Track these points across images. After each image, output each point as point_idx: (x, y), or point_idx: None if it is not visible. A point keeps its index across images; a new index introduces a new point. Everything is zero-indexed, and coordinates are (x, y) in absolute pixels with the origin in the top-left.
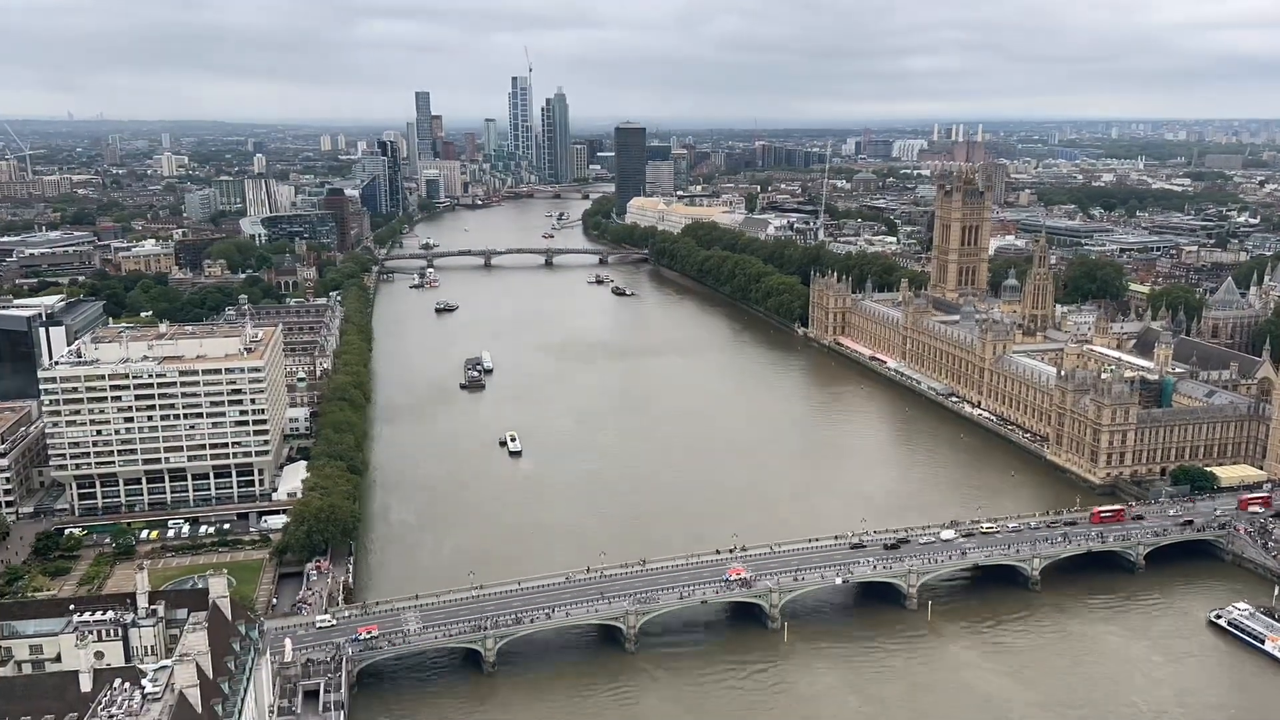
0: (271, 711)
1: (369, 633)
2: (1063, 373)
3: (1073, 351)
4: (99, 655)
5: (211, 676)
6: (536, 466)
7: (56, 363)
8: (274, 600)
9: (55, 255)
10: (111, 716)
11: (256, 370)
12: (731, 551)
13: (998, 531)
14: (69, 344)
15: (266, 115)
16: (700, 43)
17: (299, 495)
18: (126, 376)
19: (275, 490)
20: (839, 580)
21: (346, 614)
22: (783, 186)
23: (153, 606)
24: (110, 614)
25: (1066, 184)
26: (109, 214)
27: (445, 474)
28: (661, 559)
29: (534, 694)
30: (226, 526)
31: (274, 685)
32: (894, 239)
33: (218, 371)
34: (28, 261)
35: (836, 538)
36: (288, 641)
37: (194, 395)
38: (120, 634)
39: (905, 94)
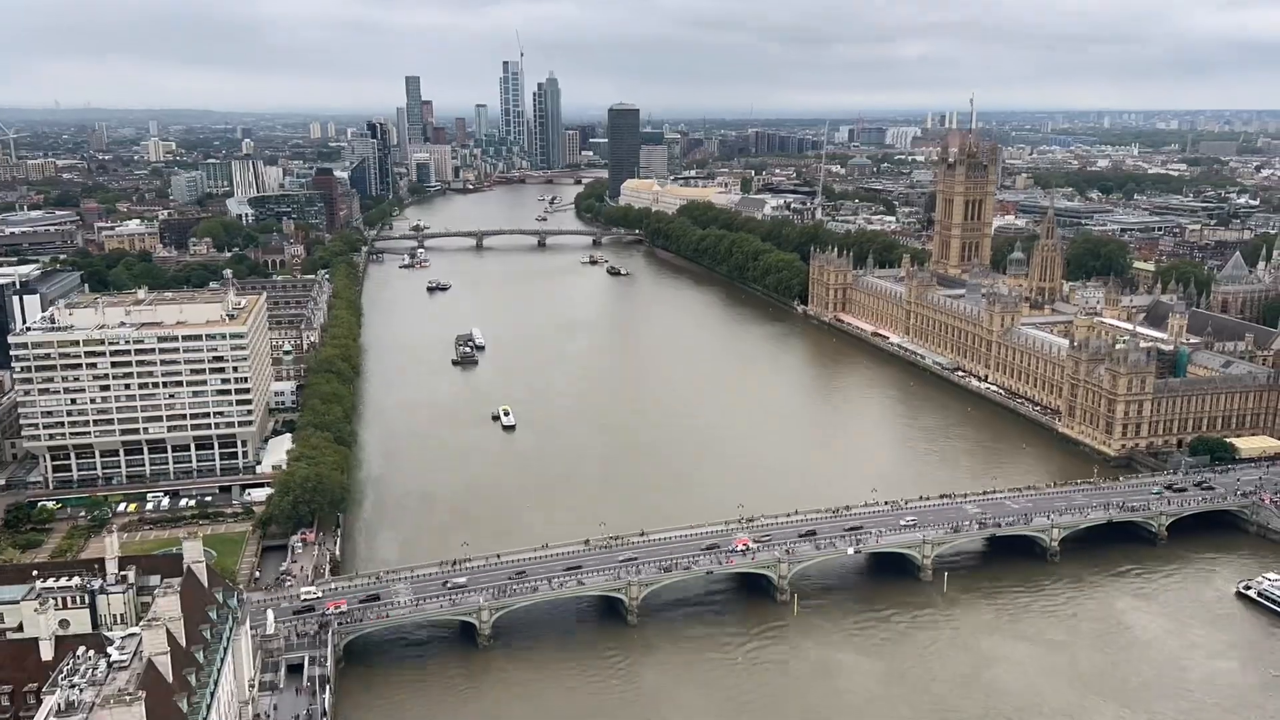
0: (252, 685)
1: (337, 608)
2: (1076, 342)
3: (1083, 323)
4: (64, 624)
5: (184, 645)
6: (531, 441)
7: (28, 329)
8: (257, 574)
9: (36, 234)
10: (73, 686)
11: (239, 337)
12: (737, 523)
13: (1013, 501)
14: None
15: (255, 105)
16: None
17: (284, 467)
18: (102, 343)
19: (259, 463)
20: (850, 551)
21: (333, 586)
22: (777, 171)
23: (123, 573)
24: (76, 580)
25: (1062, 169)
26: (94, 196)
27: (437, 448)
28: (664, 530)
29: (531, 667)
30: (208, 500)
31: (255, 658)
32: (893, 218)
33: (198, 338)
34: (7, 240)
35: (847, 508)
36: (270, 613)
37: (174, 363)
38: (87, 601)
39: (893, 83)
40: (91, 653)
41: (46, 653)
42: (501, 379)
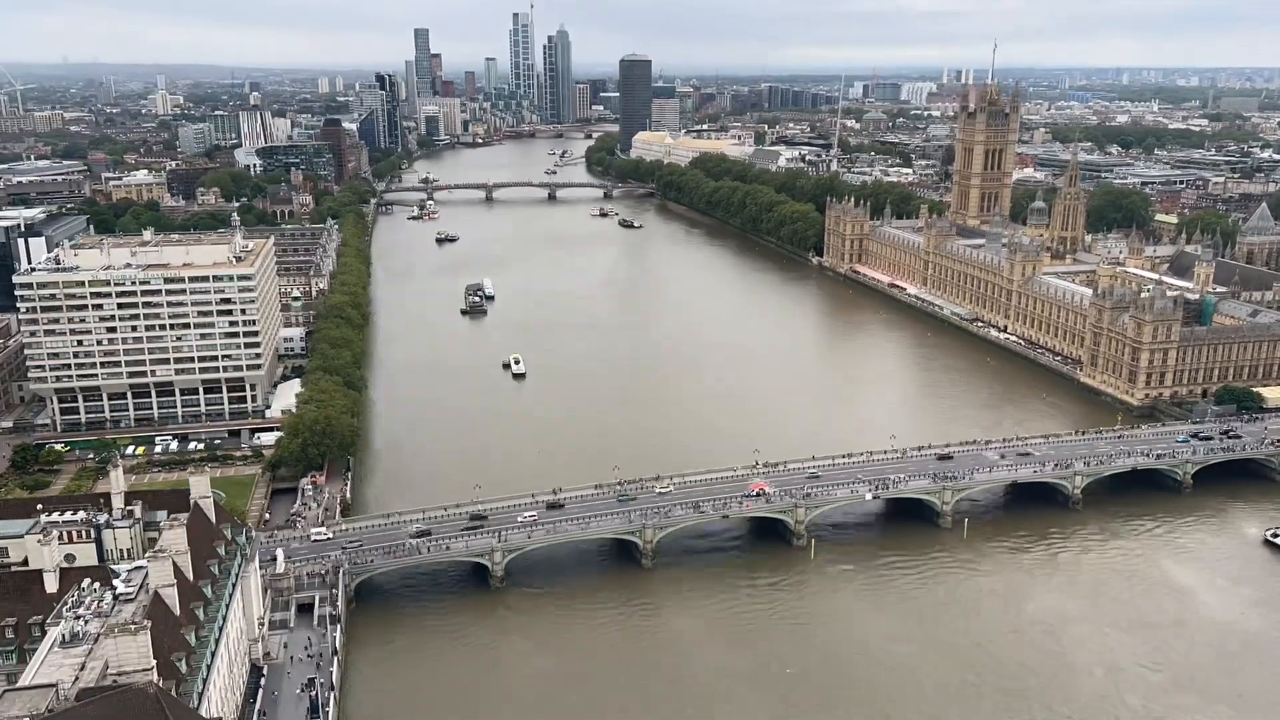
0: (261, 624)
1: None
2: (1100, 290)
3: (1106, 273)
4: (70, 559)
5: (192, 579)
6: (541, 389)
7: (33, 269)
8: (267, 516)
9: (44, 183)
10: (78, 617)
11: (246, 279)
12: (753, 468)
13: (1034, 451)
14: None
15: (264, 61)
16: None
17: (293, 411)
18: (108, 284)
19: (268, 408)
20: (869, 496)
21: (344, 527)
22: (791, 126)
23: (129, 507)
24: (82, 515)
25: (1081, 124)
26: (101, 148)
27: (447, 395)
28: (678, 474)
29: (543, 609)
30: (217, 443)
31: (265, 597)
32: (910, 170)
33: (205, 279)
34: (14, 189)
35: (866, 454)
36: (279, 552)
37: (180, 305)
38: (93, 536)
39: (905, 39)
40: (97, 585)
41: (51, 585)
42: (511, 329)
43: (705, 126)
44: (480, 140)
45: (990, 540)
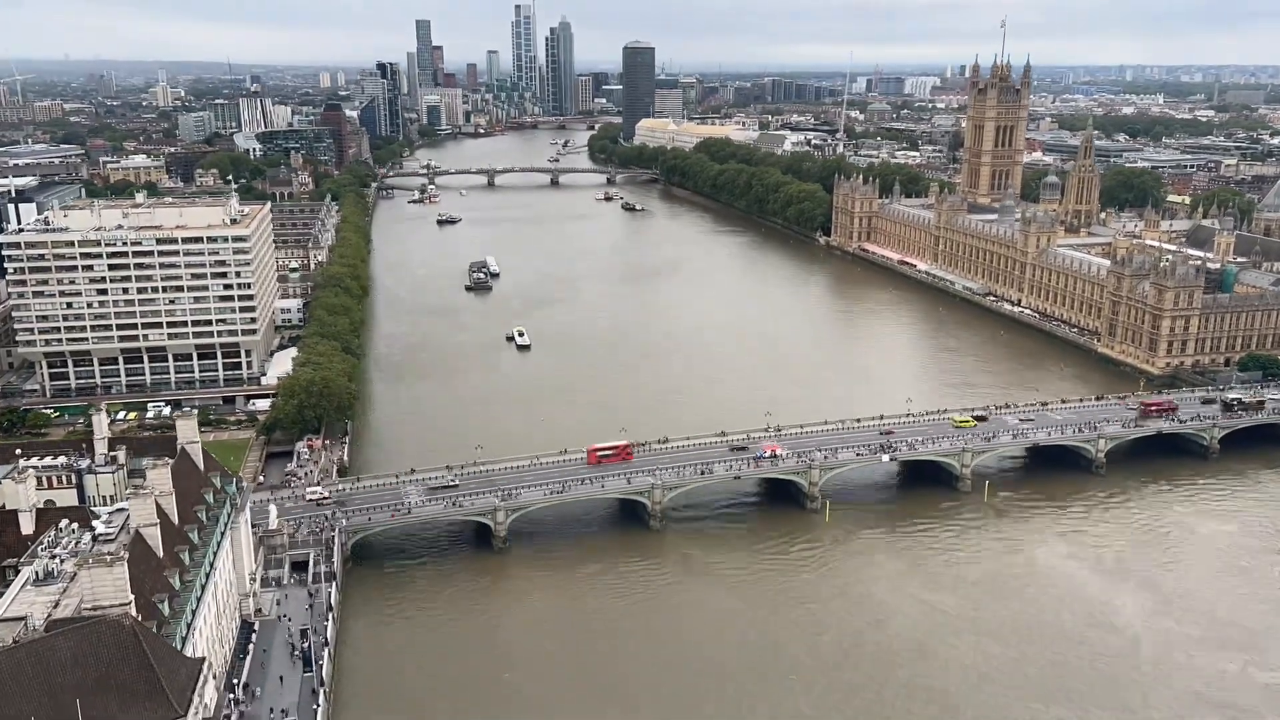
0: (253, 579)
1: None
2: (1119, 257)
3: (1123, 245)
4: (49, 504)
5: (177, 523)
6: (547, 360)
7: (21, 229)
8: (260, 478)
9: (41, 165)
10: (54, 557)
11: (242, 240)
12: (765, 431)
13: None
14: None
15: (266, 59)
16: None
17: (290, 374)
18: (98, 244)
19: (264, 375)
20: (886, 458)
21: (340, 487)
22: (795, 116)
23: (112, 453)
24: (62, 460)
25: (1086, 116)
26: (101, 135)
27: (450, 365)
28: (688, 437)
29: (548, 570)
30: (211, 410)
31: (257, 554)
32: (916, 154)
33: (199, 240)
34: (12, 172)
35: (881, 418)
36: (272, 508)
37: (173, 267)
38: (74, 481)
39: (905, 36)
40: (75, 526)
41: (27, 526)
42: (516, 304)
43: (709, 115)
44: (482, 131)
45: (1011, 503)
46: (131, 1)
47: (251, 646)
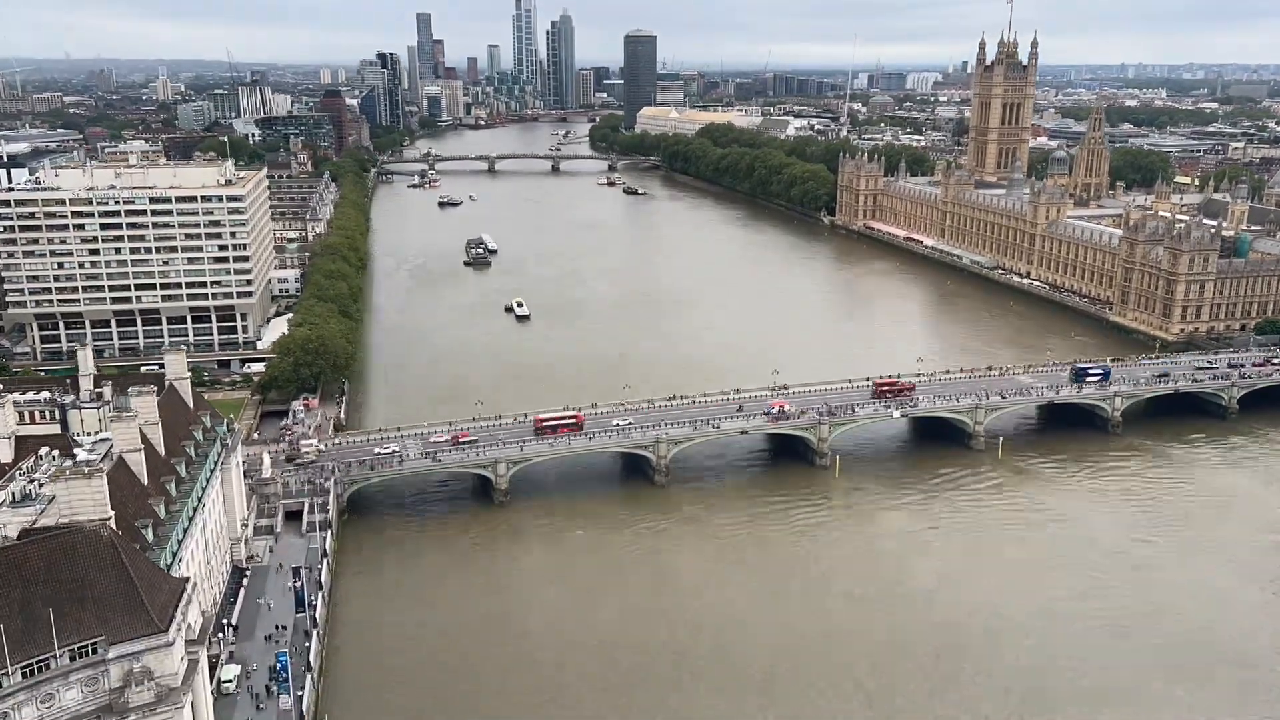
0: (245, 526)
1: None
2: (1132, 223)
3: (1135, 215)
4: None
5: (163, 455)
6: (546, 329)
7: (11, 188)
8: (255, 435)
9: (38, 150)
10: (32, 480)
11: (237, 201)
12: (772, 390)
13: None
14: None
15: (268, 57)
16: None
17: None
18: (90, 202)
19: (260, 340)
20: (896, 414)
21: (337, 441)
22: (797, 108)
23: (98, 390)
24: (46, 395)
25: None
26: (100, 124)
27: (449, 333)
28: (693, 395)
29: (550, 524)
30: (205, 372)
31: (250, 502)
32: (921, 138)
33: (193, 199)
34: (7, 140)
35: (898, 376)
36: (266, 456)
37: (167, 227)
38: (58, 416)
39: (905, 36)
40: (56, 453)
41: (5, 454)
42: (515, 279)
43: (711, 105)
44: (483, 123)
45: (1025, 459)
46: (132, 1)
47: (243, 591)
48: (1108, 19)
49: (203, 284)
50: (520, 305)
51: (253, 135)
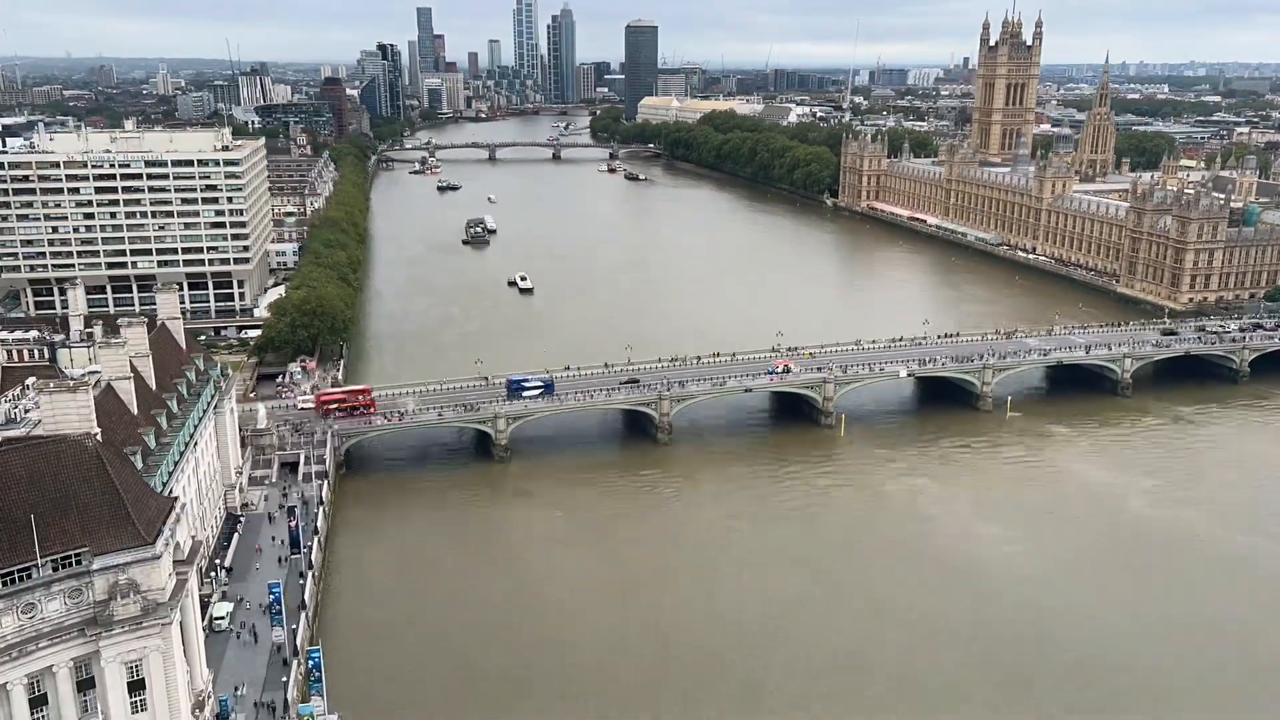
0: (239, 473)
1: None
2: (1139, 192)
3: (1143, 187)
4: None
5: (154, 389)
6: (550, 301)
7: (4, 150)
8: (251, 394)
9: (34, 124)
10: (18, 408)
11: (233, 164)
12: (776, 351)
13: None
14: None
15: (269, 56)
16: None
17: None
18: (85, 165)
19: (257, 307)
20: (903, 373)
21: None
22: (798, 100)
23: (88, 330)
24: (34, 334)
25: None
26: (99, 115)
27: (451, 303)
28: (699, 355)
29: (550, 480)
30: (201, 337)
31: (245, 452)
32: (924, 123)
33: (189, 163)
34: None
35: (898, 339)
36: (261, 407)
37: (163, 191)
38: (47, 356)
39: (905, 34)
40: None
41: None
42: (515, 257)
43: (713, 94)
44: (484, 115)
45: (1036, 421)
46: (133, 2)
47: (236, 536)
48: (1107, 16)
49: (199, 249)
50: (524, 279)
51: (252, 123)
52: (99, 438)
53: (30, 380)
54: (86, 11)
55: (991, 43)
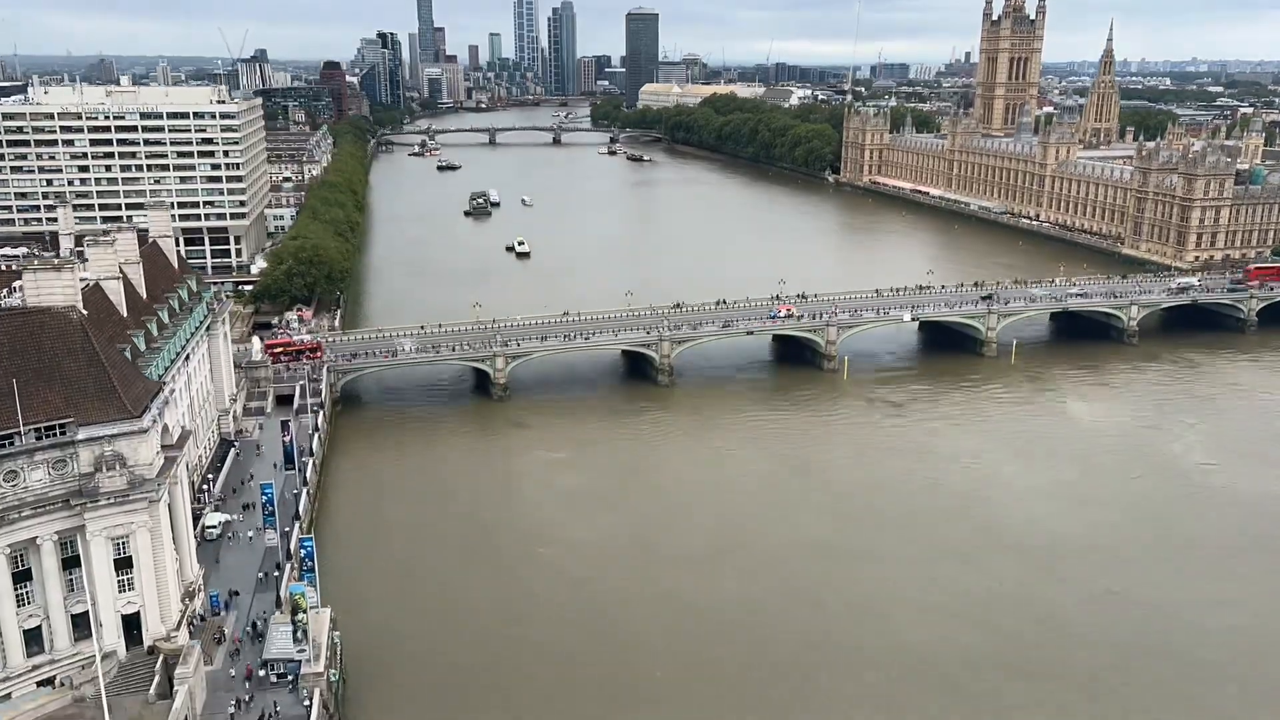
0: (233, 400)
1: None
2: (1145, 152)
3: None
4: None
5: (145, 298)
6: (548, 264)
7: None
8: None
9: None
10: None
11: (230, 118)
12: (778, 298)
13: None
14: None
15: (269, 54)
16: None
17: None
18: (79, 117)
19: (253, 265)
20: (907, 318)
21: (330, 337)
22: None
23: (79, 249)
24: (24, 250)
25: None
26: None
27: (450, 266)
28: (699, 302)
29: (549, 419)
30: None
31: (240, 383)
32: (926, 105)
33: (185, 116)
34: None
35: (900, 289)
36: (256, 340)
37: (159, 144)
38: None
39: (902, 32)
40: None
41: None
42: (516, 227)
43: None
44: (484, 105)
45: (1041, 367)
46: (133, 2)
47: (229, 461)
48: (1108, 14)
49: (195, 204)
50: (521, 244)
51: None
52: (85, 315)
53: (17, 283)
54: (87, 11)
55: (994, 17)
